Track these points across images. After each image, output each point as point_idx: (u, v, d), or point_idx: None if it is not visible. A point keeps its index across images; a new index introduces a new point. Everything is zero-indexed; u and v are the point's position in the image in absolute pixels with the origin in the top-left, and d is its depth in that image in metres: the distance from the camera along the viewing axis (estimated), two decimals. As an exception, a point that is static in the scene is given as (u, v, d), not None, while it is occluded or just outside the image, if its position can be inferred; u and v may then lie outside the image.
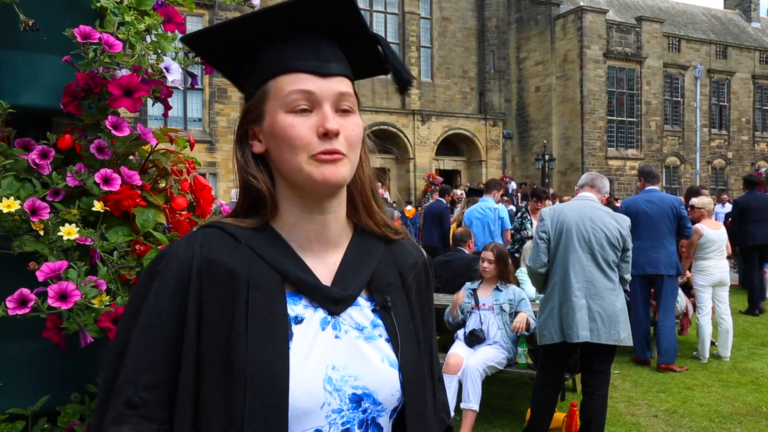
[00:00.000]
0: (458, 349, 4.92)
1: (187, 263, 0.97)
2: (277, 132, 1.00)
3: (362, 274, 1.06)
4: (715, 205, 12.69)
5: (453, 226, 8.44)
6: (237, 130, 1.07)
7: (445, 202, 10.86)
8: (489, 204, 7.81)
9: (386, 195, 21.32)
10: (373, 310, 1.06)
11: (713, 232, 6.77)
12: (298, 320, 1.00)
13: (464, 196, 13.38)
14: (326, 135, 0.98)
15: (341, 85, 1.02)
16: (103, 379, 0.99)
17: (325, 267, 1.05)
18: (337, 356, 1.00)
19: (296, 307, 1.01)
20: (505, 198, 15.28)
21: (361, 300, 1.06)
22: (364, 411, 1.00)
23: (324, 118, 0.99)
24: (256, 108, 1.03)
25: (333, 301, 1.02)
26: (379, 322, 1.06)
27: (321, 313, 1.02)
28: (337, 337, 1.01)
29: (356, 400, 0.99)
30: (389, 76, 1.11)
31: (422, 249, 1.20)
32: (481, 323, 4.95)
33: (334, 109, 1.00)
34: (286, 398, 0.93)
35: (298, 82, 1.00)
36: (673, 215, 6.37)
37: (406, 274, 1.12)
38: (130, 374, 0.94)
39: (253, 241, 1.01)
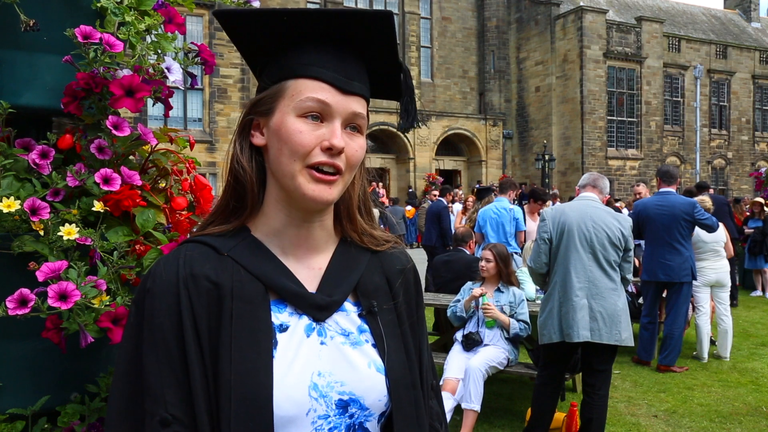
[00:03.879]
0: (456, 356, 4.90)
1: (173, 280, 0.97)
2: (282, 133, 0.99)
3: (348, 280, 1.06)
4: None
5: (467, 225, 8.42)
6: (242, 118, 1.06)
7: (445, 201, 10.85)
8: (504, 204, 7.78)
9: (380, 191, 21.14)
10: (360, 315, 1.06)
11: (703, 232, 6.74)
12: (283, 328, 1.00)
13: (470, 196, 13.38)
14: (330, 150, 0.98)
15: (357, 105, 1.02)
16: (111, 401, 0.98)
17: (309, 271, 1.05)
18: (322, 363, 0.99)
19: (281, 315, 1.00)
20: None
21: (348, 305, 1.06)
22: (351, 416, 1.00)
23: (332, 133, 0.99)
24: (268, 102, 1.02)
25: (317, 308, 1.02)
26: (366, 327, 1.06)
27: (306, 320, 1.01)
28: (322, 343, 1.01)
29: (343, 405, 0.99)
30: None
31: (409, 255, 1.20)
32: (479, 325, 4.95)
33: (344, 126, 1.01)
34: (270, 407, 0.93)
35: (317, 90, 0.99)
36: (685, 220, 6.32)
37: (393, 280, 1.12)
38: (154, 393, 0.94)
39: (235, 252, 1.01)
